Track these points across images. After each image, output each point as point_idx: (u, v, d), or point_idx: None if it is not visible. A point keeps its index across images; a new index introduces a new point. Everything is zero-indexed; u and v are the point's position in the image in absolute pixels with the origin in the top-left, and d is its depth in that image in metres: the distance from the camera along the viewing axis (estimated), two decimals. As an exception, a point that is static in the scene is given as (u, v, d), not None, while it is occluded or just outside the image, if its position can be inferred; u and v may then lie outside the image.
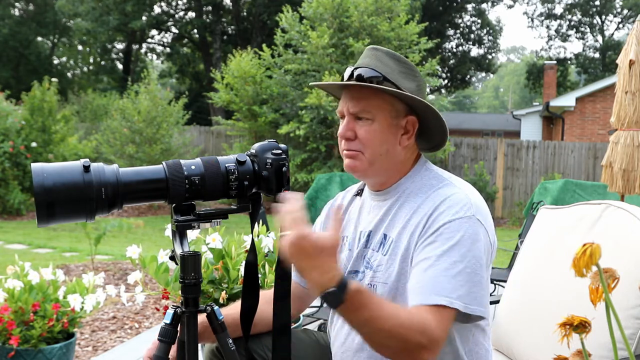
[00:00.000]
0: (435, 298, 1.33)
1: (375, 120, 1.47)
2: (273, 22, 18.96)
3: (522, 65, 57.92)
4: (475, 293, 1.36)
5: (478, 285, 1.37)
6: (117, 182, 1.28)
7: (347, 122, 1.49)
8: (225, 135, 14.31)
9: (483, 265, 1.39)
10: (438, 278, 1.34)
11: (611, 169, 4.38)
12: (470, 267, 1.36)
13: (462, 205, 1.41)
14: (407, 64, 1.54)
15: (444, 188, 1.48)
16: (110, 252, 7.24)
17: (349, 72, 1.52)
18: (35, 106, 11.49)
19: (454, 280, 1.34)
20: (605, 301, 0.71)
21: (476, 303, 1.36)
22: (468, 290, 1.35)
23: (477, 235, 1.39)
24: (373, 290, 1.49)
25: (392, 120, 1.49)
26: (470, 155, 13.59)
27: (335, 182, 5.90)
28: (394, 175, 1.55)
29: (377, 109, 1.47)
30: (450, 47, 32.41)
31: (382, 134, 1.48)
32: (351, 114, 1.49)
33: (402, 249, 1.45)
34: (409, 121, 1.51)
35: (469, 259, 1.36)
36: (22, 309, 2.62)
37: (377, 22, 11.98)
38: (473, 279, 1.36)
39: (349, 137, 1.49)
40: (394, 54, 1.54)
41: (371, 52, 1.54)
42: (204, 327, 1.46)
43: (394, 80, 1.49)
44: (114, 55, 33.03)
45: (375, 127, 1.47)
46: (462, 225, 1.38)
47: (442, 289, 1.33)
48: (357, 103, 1.48)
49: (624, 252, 1.69)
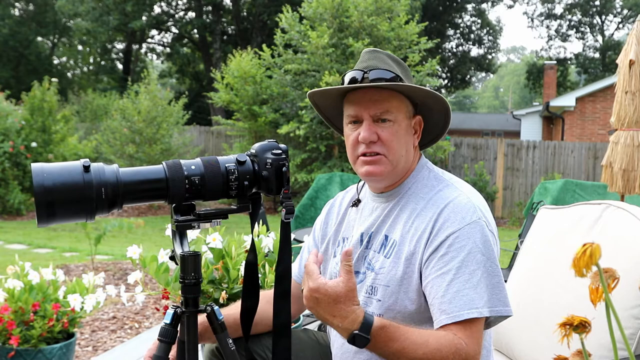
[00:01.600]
0: (466, 313, 1.34)
1: (396, 122, 1.47)
2: (273, 22, 18.96)
3: (522, 65, 57.92)
4: (498, 294, 1.38)
5: (498, 285, 1.38)
6: (117, 182, 1.27)
7: (369, 125, 1.46)
8: (225, 135, 14.32)
9: (498, 265, 1.41)
10: (462, 292, 1.35)
11: (611, 169, 4.38)
12: (487, 271, 1.37)
13: (467, 210, 1.41)
14: (404, 65, 1.56)
15: (444, 190, 1.48)
16: (110, 252, 7.24)
17: (352, 75, 1.49)
18: (35, 106, 11.49)
19: (478, 289, 1.35)
20: (605, 301, 0.71)
21: (501, 304, 1.38)
22: (490, 294, 1.36)
23: (486, 237, 1.40)
24: (374, 292, 1.49)
25: (408, 120, 1.50)
26: (470, 155, 13.59)
27: (335, 182, 5.89)
28: (400, 177, 1.54)
29: (397, 110, 1.47)
30: (450, 47, 32.41)
31: (403, 135, 1.48)
32: (371, 117, 1.46)
33: (407, 252, 1.45)
34: (417, 121, 1.53)
35: (484, 263, 1.37)
36: (22, 309, 2.62)
37: (377, 22, 11.97)
38: (492, 281, 1.37)
39: (373, 139, 1.46)
40: (392, 55, 1.55)
41: (374, 55, 1.53)
42: (204, 327, 1.46)
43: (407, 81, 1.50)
44: (114, 55, 33.03)
45: (397, 128, 1.47)
46: (470, 232, 1.39)
47: (470, 301, 1.34)
48: (379, 105, 1.46)
49: (624, 252, 1.69)
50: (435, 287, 1.38)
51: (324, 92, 1.56)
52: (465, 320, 1.34)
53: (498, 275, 1.39)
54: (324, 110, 1.65)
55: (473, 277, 1.36)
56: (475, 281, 1.35)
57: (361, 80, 1.47)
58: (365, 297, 1.51)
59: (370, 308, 1.49)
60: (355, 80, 1.48)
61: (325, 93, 1.56)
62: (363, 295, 1.51)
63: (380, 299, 1.47)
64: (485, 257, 1.38)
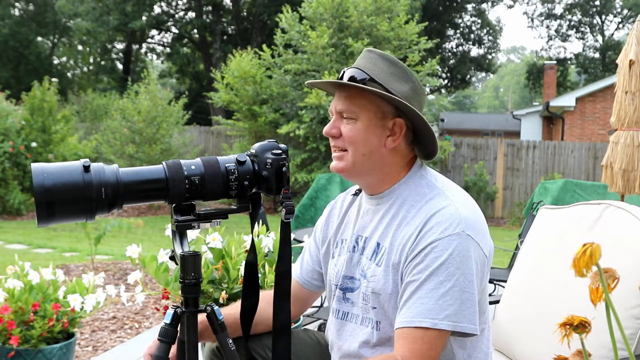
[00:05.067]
0: (419, 321, 1.34)
1: (358, 120, 1.47)
2: (273, 22, 18.95)
3: (522, 65, 57.91)
4: (465, 311, 1.36)
5: (467, 302, 1.36)
6: (117, 182, 1.27)
7: (334, 120, 1.51)
8: (225, 135, 14.31)
9: (473, 281, 1.38)
10: (423, 299, 1.35)
11: (611, 169, 4.37)
12: (458, 286, 1.35)
13: (451, 221, 1.39)
14: (401, 67, 1.52)
15: (434, 199, 1.45)
16: (110, 252, 7.24)
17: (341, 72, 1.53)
18: (35, 106, 11.49)
19: (441, 300, 1.34)
20: (605, 301, 0.71)
21: (466, 321, 1.36)
22: (457, 309, 1.35)
23: (467, 252, 1.38)
24: (368, 300, 1.49)
25: (378, 121, 1.48)
26: (470, 155, 13.59)
27: (335, 182, 5.89)
28: (385, 180, 1.52)
29: (362, 108, 1.47)
30: (450, 47, 32.40)
31: (365, 133, 1.47)
32: (337, 112, 1.50)
33: (394, 261, 1.45)
34: (396, 123, 1.48)
35: (457, 277, 1.35)
36: (22, 309, 2.62)
37: (377, 22, 11.97)
38: (462, 297, 1.36)
39: (334, 134, 1.50)
40: (388, 56, 1.53)
41: (365, 54, 1.54)
42: (204, 327, 1.46)
43: (383, 82, 1.47)
44: (114, 55, 33.02)
45: (358, 126, 1.47)
46: (450, 243, 1.37)
47: (427, 310, 1.34)
48: (344, 102, 1.49)
49: (624, 252, 1.69)
50: (403, 293, 1.40)
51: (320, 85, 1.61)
52: (417, 329, 1.34)
53: (470, 292, 1.37)
54: None
55: (440, 288, 1.35)
56: (441, 292, 1.35)
57: (341, 77, 1.51)
58: (363, 304, 1.51)
59: (369, 314, 1.50)
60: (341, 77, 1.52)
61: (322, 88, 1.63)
62: (360, 302, 1.52)
63: (376, 307, 1.48)
64: (460, 272, 1.36)
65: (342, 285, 1.57)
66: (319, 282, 1.74)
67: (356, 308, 1.54)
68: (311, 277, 1.74)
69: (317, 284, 1.74)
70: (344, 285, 1.57)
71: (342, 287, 1.57)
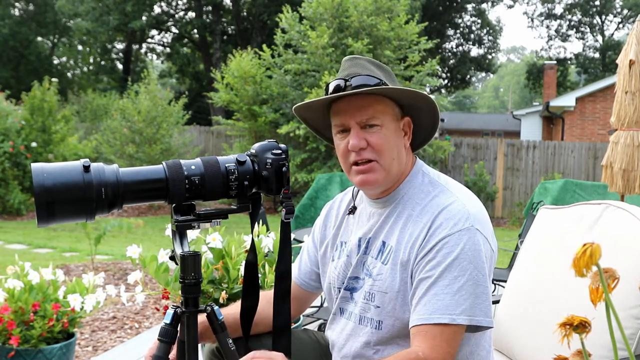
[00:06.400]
0: (437, 317, 1.34)
1: (383, 126, 1.46)
2: (273, 22, 18.96)
3: (522, 65, 57.91)
4: (480, 304, 1.37)
5: (482, 296, 1.37)
6: (117, 182, 1.27)
7: (357, 132, 1.44)
8: (225, 135, 14.31)
9: (486, 275, 1.39)
10: (439, 296, 1.35)
11: (611, 169, 4.38)
12: (472, 280, 1.36)
13: (460, 217, 1.40)
14: (386, 69, 1.55)
15: (440, 196, 1.46)
16: (110, 252, 7.24)
17: (335, 85, 1.47)
18: (35, 106, 11.49)
19: (457, 295, 1.35)
20: (605, 301, 0.71)
21: (482, 314, 1.37)
22: (472, 303, 1.35)
23: (477, 245, 1.39)
24: (372, 298, 1.48)
25: (396, 123, 1.49)
26: (470, 155, 13.59)
27: (335, 182, 5.89)
28: (395, 181, 1.52)
29: (383, 113, 1.46)
30: (450, 47, 32.41)
31: (393, 138, 1.47)
32: (358, 124, 1.45)
33: (402, 259, 1.44)
34: (406, 122, 1.52)
35: (470, 271, 1.36)
36: (22, 309, 2.62)
37: (377, 22, 11.98)
38: (476, 291, 1.36)
39: (363, 146, 1.44)
40: (373, 60, 1.54)
41: (354, 62, 1.52)
42: (204, 327, 1.46)
43: (390, 83, 1.49)
44: (114, 55, 33.02)
45: (385, 132, 1.46)
46: (461, 238, 1.38)
47: (444, 306, 1.34)
48: (364, 111, 1.45)
49: (624, 252, 1.69)
50: (417, 290, 1.39)
51: (309, 105, 1.54)
52: (435, 325, 1.34)
53: (483, 285, 1.38)
54: (313, 123, 1.63)
55: (455, 283, 1.35)
56: (456, 287, 1.35)
57: (344, 88, 1.46)
58: (363, 303, 1.51)
59: (369, 314, 1.50)
60: (339, 89, 1.46)
61: (310, 106, 1.54)
62: (361, 301, 1.52)
63: (379, 306, 1.47)
64: (473, 265, 1.36)
65: (348, 286, 1.57)
66: (317, 282, 1.74)
67: (357, 308, 1.54)
68: (309, 278, 1.74)
69: (315, 285, 1.74)
70: (350, 285, 1.57)
71: (347, 287, 1.58)
